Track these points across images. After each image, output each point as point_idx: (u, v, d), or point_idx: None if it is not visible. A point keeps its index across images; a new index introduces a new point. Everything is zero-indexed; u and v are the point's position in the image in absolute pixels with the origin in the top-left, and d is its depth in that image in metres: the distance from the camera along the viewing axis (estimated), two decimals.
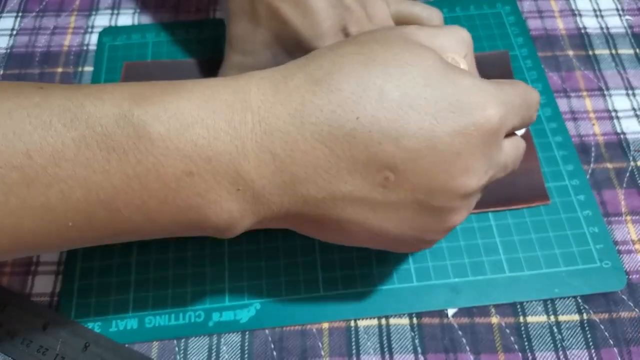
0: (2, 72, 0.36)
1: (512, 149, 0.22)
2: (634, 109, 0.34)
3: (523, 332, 0.27)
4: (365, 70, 0.19)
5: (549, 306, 0.28)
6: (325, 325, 0.27)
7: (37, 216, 0.18)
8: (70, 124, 0.18)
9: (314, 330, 0.27)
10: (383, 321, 0.27)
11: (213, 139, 0.18)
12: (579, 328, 0.27)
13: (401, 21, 0.31)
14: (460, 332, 0.27)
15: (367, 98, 0.18)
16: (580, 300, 0.28)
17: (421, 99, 0.18)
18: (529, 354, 0.26)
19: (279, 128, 0.18)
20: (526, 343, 0.27)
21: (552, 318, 0.27)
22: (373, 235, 0.21)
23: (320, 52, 0.20)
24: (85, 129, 0.18)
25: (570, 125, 0.33)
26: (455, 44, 0.22)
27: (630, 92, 0.35)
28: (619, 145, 0.33)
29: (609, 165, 0.32)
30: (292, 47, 0.30)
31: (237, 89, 0.19)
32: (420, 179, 0.19)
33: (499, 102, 0.20)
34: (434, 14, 0.31)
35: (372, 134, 0.18)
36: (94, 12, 0.39)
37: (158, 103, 0.18)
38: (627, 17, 0.38)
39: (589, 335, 0.27)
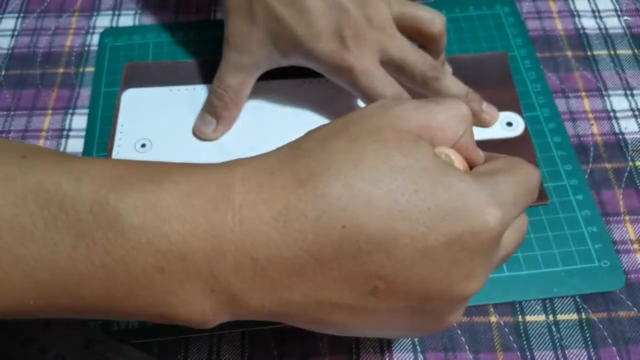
0: (3, 72, 0.36)
1: (514, 237, 0.21)
2: (632, 109, 0.34)
3: (522, 331, 0.27)
4: (354, 172, 0.17)
5: (547, 305, 0.28)
6: None
7: None
8: (44, 204, 0.17)
9: None
10: None
11: (189, 235, 0.17)
12: (578, 327, 0.27)
13: (404, 23, 0.31)
14: (459, 331, 0.27)
15: (354, 205, 0.17)
16: (578, 300, 0.28)
17: (412, 207, 0.17)
18: (528, 353, 0.26)
19: (260, 231, 0.17)
20: (525, 342, 0.27)
21: (551, 317, 0.27)
22: (364, 333, 0.20)
23: (309, 145, 0.19)
24: (58, 211, 0.17)
25: (568, 125, 0.34)
26: (454, 122, 0.20)
27: (628, 92, 0.35)
28: (617, 146, 0.33)
29: (608, 165, 0.32)
30: (288, 46, 0.30)
31: (221, 182, 0.18)
32: (414, 287, 0.18)
33: (497, 204, 0.18)
34: (437, 18, 0.31)
35: (360, 244, 0.17)
36: (95, 13, 0.39)
37: (139, 191, 0.17)
38: (626, 17, 0.38)
39: (587, 335, 0.27)
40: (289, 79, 0.35)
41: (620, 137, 0.33)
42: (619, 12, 0.39)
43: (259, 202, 0.17)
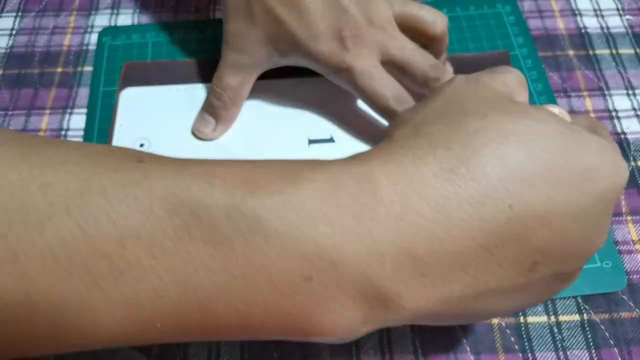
0: (1, 72, 0.36)
1: None
2: (634, 109, 0.34)
3: (523, 333, 0.27)
4: (502, 149, 0.16)
5: (549, 306, 0.28)
6: None
7: (120, 313, 0.15)
8: (173, 210, 0.15)
9: None
10: None
11: (338, 237, 0.15)
12: (580, 328, 0.27)
13: (405, 23, 0.31)
14: (460, 333, 0.27)
15: (514, 182, 0.16)
16: (580, 301, 0.28)
17: (564, 172, 0.17)
18: (530, 355, 0.26)
19: (420, 226, 0.16)
20: (526, 343, 0.27)
21: (553, 318, 0.27)
22: (492, 315, 0.19)
23: (430, 130, 0.17)
24: (190, 217, 0.15)
25: None
26: (521, 87, 0.21)
27: (630, 91, 0.35)
28: (619, 145, 0.33)
29: None
30: (287, 47, 0.30)
31: (361, 177, 0.16)
32: (564, 252, 0.17)
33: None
34: (439, 18, 0.31)
35: (527, 221, 0.16)
36: (93, 12, 0.39)
37: (276, 193, 0.16)
38: (628, 16, 0.38)
39: (589, 336, 0.27)
40: (288, 79, 0.35)
41: (622, 136, 0.33)
42: (621, 11, 0.38)
43: (411, 194, 0.16)
